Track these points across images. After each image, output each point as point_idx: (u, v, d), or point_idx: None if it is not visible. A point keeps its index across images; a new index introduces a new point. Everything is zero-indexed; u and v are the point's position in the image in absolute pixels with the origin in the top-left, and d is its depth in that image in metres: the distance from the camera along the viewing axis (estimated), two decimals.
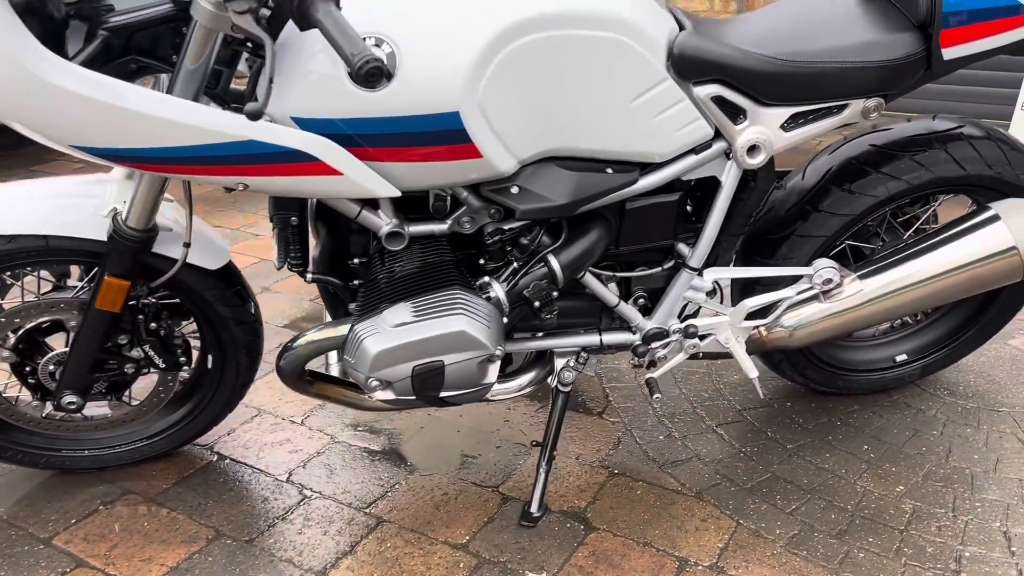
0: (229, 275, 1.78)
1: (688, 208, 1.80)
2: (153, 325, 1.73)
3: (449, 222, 1.58)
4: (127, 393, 1.87)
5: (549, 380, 1.86)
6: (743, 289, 1.98)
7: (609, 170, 1.57)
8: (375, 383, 1.48)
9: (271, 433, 2.12)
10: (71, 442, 1.93)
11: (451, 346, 1.45)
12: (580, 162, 1.55)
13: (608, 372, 2.38)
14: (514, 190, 1.51)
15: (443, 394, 1.50)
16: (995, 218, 1.78)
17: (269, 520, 1.82)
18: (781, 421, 2.17)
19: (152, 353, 1.74)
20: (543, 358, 1.87)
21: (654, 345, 1.83)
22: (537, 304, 1.59)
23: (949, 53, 1.59)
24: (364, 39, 1.32)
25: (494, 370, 1.52)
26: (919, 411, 2.20)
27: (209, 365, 1.89)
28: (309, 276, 1.64)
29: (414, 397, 1.49)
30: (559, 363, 1.85)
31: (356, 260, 1.66)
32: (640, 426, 2.15)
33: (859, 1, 1.70)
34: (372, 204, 1.55)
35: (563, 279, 1.61)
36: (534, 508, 1.81)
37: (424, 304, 1.48)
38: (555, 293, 1.60)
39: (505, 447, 2.06)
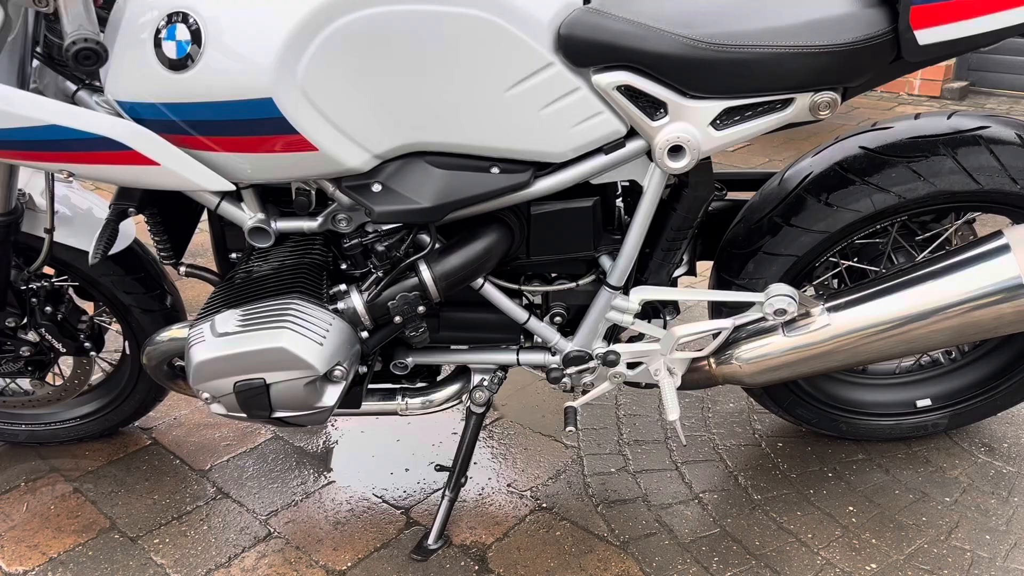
0: (131, 261, 1.70)
1: (623, 215, 1.54)
2: (49, 309, 1.68)
3: (321, 219, 1.41)
4: (52, 373, 1.86)
5: (463, 399, 1.67)
6: (715, 312, 1.69)
7: (495, 169, 1.34)
8: (205, 395, 1.35)
9: (212, 424, 2.05)
10: (10, 416, 1.94)
11: (271, 363, 1.29)
12: (456, 159, 1.33)
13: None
14: (376, 188, 1.32)
15: (277, 414, 1.34)
16: (1004, 248, 1.40)
17: (167, 517, 1.75)
18: (761, 465, 1.85)
19: (49, 337, 1.70)
20: (466, 373, 1.68)
21: (571, 370, 1.58)
22: (398, 319, 1.40)
23: (926, 36, 1.23)
24: (171, 14, 1.18)
25: (333, 392, 1.35)
26: (938, 469, 1.81)
27: (127, 351, 1.84)
28: (182, 269, 1.53)
29: (244, 415, 1.35)
30: (475, 380, 1.65)
31: (234, 255, 1.54)
32: (596, 454, 1.91)
33: None
34: (235, 196, 1.41)
35: (437, 292, 1.40)
36: (431, 540, 1.63)
37: (254, 312, 1.32)
38: (421, 308, 1.40)
39: (439, 463, 1.88)
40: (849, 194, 1.49)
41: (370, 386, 1.67)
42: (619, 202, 1.55)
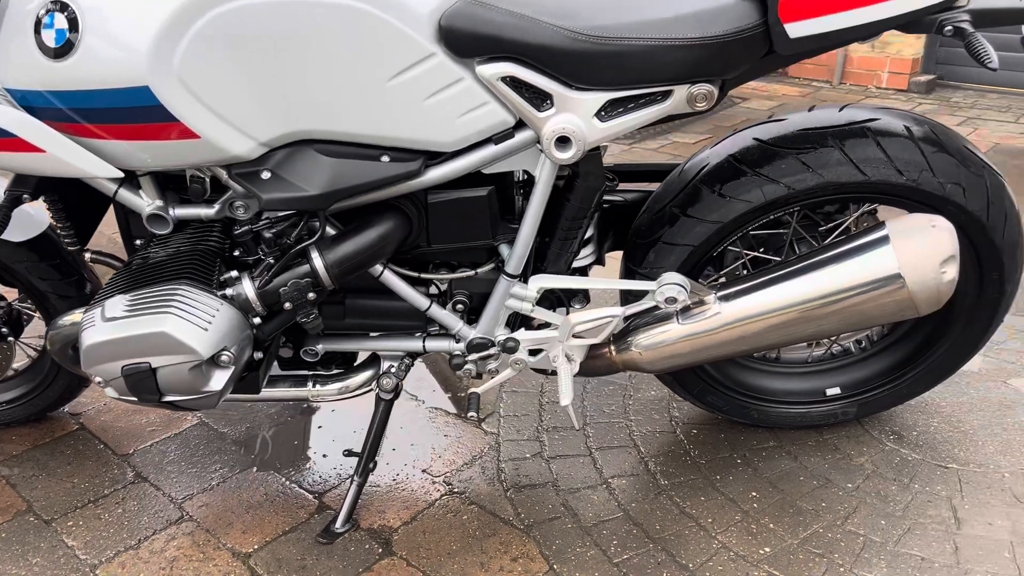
0: (46, 248, 1.72)
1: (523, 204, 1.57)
2: None
3: (218, 206, 1.43)
4: None
5: (374, 385, 1.69)
6: (624, 301, 1.72)
7: (385, 158, 1.37)
8: (97, 379, 1.37)
9: (141, 409, 2.07)
10: None
11: (155, 348, 1.31)
12: (344, 147, 1.36)
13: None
14: (264, 175, 1.35)
15: (167, 398, 1.37)
16: (884, 239, 1.43)
17: (83, 501, 1.77)
18: (673, 452, 1.88)
19: None
20: (379, 359, 1.71)
21: (473, 357, 1.61)
22: (289, 306, 1.42)
23: (796, 29, 1.26)
24: (52, 2, 1.20)
25: (221, 377, 1.37)
26: (845, 456, 1.85)
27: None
28: (88, 255, 1.56)
29: (135, 398, 1.37)
30: (384, 367, 1.68)
31: (139, 241, 1.56)
32: (514, 440, 1.94)
33: None
34: (134, 183, 1.43)
35: (330, 278, 1.42)
36: (338, 523, 1.66)
37: (141, 298, 1.35)
38: (311, 295, 1.42)
39: (349, 448, 1.90)
40: (741, 185, 1.52)
41: (282, 372, 1.70)
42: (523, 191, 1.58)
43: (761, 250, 1.74)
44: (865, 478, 1.78)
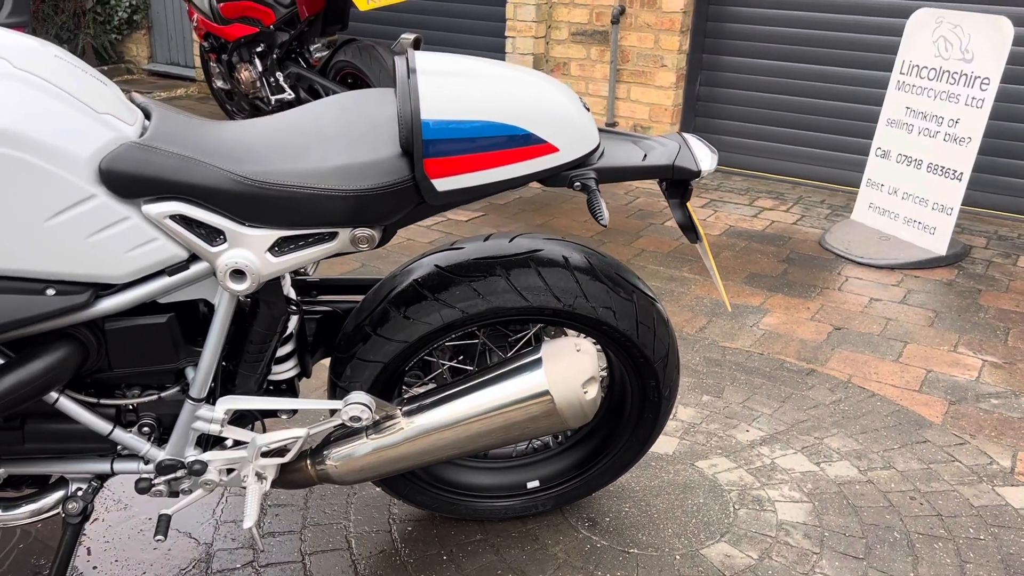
0: None
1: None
2: None
3: None
4: None
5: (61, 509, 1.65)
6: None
7: (50, 291, 1.37)
8: None
9: None
10: None
11: None
12: (3, 282, 1.34)
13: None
14: None
15: None
16: (539, 361, 1.60)
17: None
18: (384, 552, 1.95)
19: None
20: (65, 481, 1.66)
21: (162, 479, 1.61)
22: None
23: (443, 184, 1.40)
24: None
25: None
26: (542, 546, 2.00)
27: None
28: None
29: None
30: (72, 490, 1.64)
31: None
32: (227, 548, 1.93)
33: (370, 114, 1.52)
34: None
35: None
36: None
37: None
38: None
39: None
40: (422, 308, 1.65)
41: None
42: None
43: (461, 358, 1.87)
44: (556, 568, 1.93)
